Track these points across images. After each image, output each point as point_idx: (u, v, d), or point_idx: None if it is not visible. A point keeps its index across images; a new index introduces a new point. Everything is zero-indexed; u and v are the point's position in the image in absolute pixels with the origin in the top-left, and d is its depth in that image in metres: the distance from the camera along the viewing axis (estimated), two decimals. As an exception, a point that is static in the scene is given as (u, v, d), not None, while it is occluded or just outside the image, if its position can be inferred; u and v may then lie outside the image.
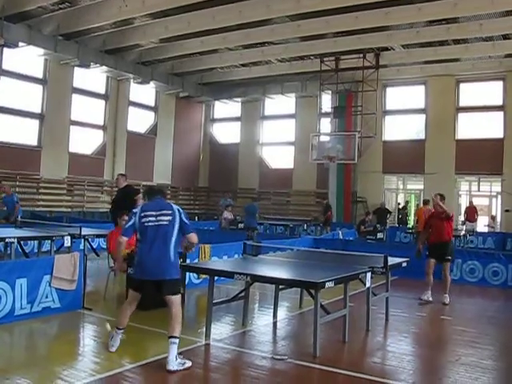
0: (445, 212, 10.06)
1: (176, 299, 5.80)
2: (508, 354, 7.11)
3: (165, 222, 5.81)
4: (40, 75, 22.61)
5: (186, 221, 5.94)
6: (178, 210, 5.92)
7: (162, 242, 5.78)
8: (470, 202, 23.05)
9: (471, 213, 22.21)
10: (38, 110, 22.60)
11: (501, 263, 12.28)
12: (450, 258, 10.10)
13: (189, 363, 5.64)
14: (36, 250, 12.32)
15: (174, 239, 5.83)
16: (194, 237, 6.06)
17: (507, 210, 22.78)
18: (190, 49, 22.81)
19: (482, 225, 23.98)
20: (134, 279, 6.04)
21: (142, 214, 5.86)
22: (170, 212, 5.87)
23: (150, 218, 5.82)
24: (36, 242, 12.17)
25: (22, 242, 10.40)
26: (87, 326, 7.53)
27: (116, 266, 7.15)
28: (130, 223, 5.96)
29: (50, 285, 7.64)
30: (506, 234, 20.88)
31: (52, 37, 20.57)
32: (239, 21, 18.81)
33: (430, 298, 9.88)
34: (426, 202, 17.20)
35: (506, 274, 12.18)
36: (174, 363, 5.52)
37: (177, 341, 5.62)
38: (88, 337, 7.13)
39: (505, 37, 19.53)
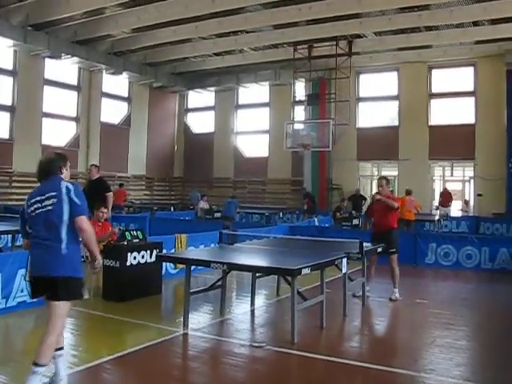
0: (387, 202, 9.03)
1: (58, 308, 4.43)
2: (481, 334, 7.26)
3: (49, 207, 4.51)
4: (10, 67, 22.25)
5: (77, 199, 4.52)
6: (67, 188, 4.54)
7: (49, 230, 4.49)
8: (445, 188, 23.33)
9: (445, 198, 22.48)
10: (8, 102, 22.25)
11: (474, 246, 12.50)
12: (394, 250, 9.01)
13: None
14: (10, 245, 12.20)
15: (63, 225, 4.47)
16: (82, 221, 4.51)
17: (480, 195, 23.12)
18: (162, 38, 22.61)
19: (455, 209, 24.31)
20: (29, 280, 4.76)
21: (29, 203, 4.63)
22: (54, 193, 4.53)
23: (36, 205, 4.57)
24: (10, 236, 12.05)
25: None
26: (64, 319, 7.47)
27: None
28: (20, 215, 5.08)
29: (25, 279, 7.57)
30: (479, 217, 21.22)
31: (21, 27, 20.21)
32: (212, 9, 18.69)
33: (368, 293, 9.04)
34: (408, 192, 17.39)
35: (480, 256, 12.41)
36: None
37: (39, 370, 4.33)
38: (65, 330, 7.07)
39: (475, 23, 19.72)
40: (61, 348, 4.71)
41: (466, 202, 24.25)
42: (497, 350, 6.38)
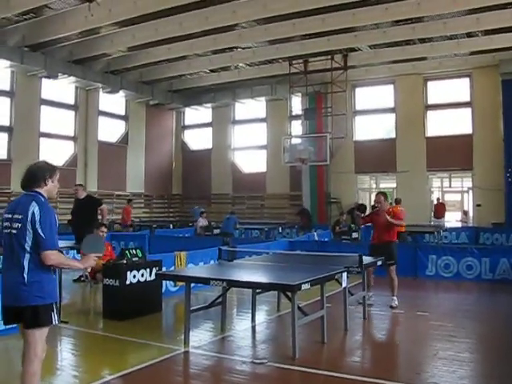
0: (397, 223, 9.50)
1: (33, 336, 4.15)
2: (484, 346, 7.22)
3: (14, 231, 4.15)
4: (7, 87, 22.31)
5: (39, 229, 4.07)
6: (33, 213, 4.09)
7: (14, 256, 4.14)
8: (438, 199, 23.33)
9: (439, 210, 22.50)
10: (6, 122, 22.29)
11: (474, 257, 12.47)
12: (393, 262, 9.22)
13: None
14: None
15: (27, 255, 4.10)
16: (45, 257, 4.08)
17: (479, 205, 23.12)
18: (158, 56, 22.73)
19: (454, 220, 24.32)
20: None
21: (3, 218, 4.30)
22: (20, 217, 4.13)
23: (6, 224, 4.23)
24: None
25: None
26: (64, 340, 7.42)
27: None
28: None
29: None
30: (479, 228, 21.20)
31: (17, 48, 20.30)
32: (206, 27, 18.78)
33: (371, 300, 9.40)
34: (398, 202, 17.30)
35: (480, 267, 12.37)
36: None
37: None
38: (66, 350, 7.04)
39: (468, 35, 19.83)
40: None
41: (465, 213, 24.24)
42: (500, 362, 6.34)
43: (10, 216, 4.22)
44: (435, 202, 23.28)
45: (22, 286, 4.09)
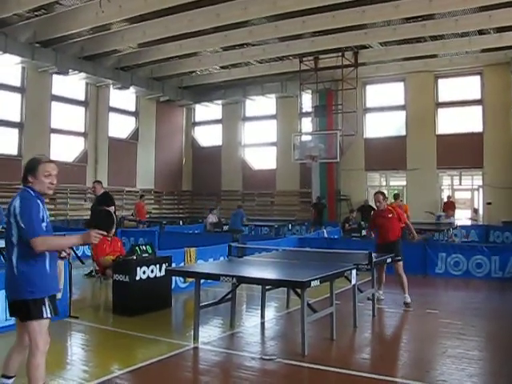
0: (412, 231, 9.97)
1: (31, 328, 4.20)
2: (493, 343, 7.19)
3: (5, 225, 4.37)
4: (18, 83, 22.43)
5: (20, 221, 4.11)
6: (14, 208, 4.15)
7: (6, 250, 4.32)
8: (448, 197, 23.06)
9: (449, 207, 22.32)
10: (17, 118, 22.41)
11: (484, 255, 12.41)
12: (399, 258, 9.29)
13: None
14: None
15: (15, 248, 4.18)
16: (35, 243, 4.07)
17: (489, 203, 23.02)
18: (168, 53, 22.76)
19: (464, 218, 24.22)
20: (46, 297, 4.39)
21: None
22: (7, 212, 4.25)
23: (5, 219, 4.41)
24: None
25: (3, 253, 10.30)
26: (74, 335, 7.48)
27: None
28: None
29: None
30: (489, 226, 21.14)
31: (29, 44, 20.40)
32: (217, 23, 18.80)
33: (382, 297, 9.58)
34: (397, 197, 17.20)
35: (490, 265, 12.31)
36: None
37: None
38: (76, 345, 7.09)
39: (480, 32, 19.72)
40: (11, 377, 4.44)
41: (476, 211, 24.13)
42: (509, 360, 6.33)
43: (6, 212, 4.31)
44: (445, 200, 23.10)
45: (13, 279, 4.18)
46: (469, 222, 23.67)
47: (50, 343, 4.37)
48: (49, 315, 4.26)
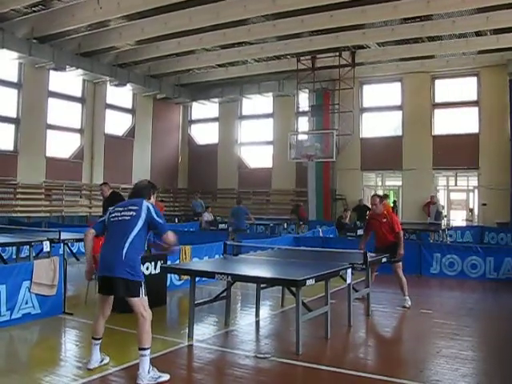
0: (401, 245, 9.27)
1: (135, 302, 5.38)
2: (487, 344, 7.23)
3: (127, 217, 5.44)
4: (15, 79, 22.33)
5: (157, 218, 5.47)
6: (148, 207, 5.48)
7: (119, 237, 5.37)
8: (431, 197, 22.32)
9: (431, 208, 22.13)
10: (13, 114, 22.32)
11: (479, 256, 12.47)
12: (397, 259, 9.21)
13: (165, 377, 5.29)
14: (14, 256, 12.21)
15: (132, 236, 5.36)
16: (170, 236, 5.53)
17: (484, 204, 23.06)
18: (166, 50, 22.72)
19: (460, 219, 24.29)
20: (98, 277, 5.66)
21: (112, 210, 5.63)
22: (135, 208, 5.49)
23: (116, 214, 5.54)
24: (14, 247, 12.03)
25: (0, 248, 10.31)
26: (69, 331, 7.48)
27: (86, 267, 6.03)
28: (102, 219, 5.80)
29: (29, 291, 7.59)
30: (484, 227, 21.19)
31: (26, 40, 20.33)
32: (215, 21, 18.76)
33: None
34: (384, 197, 17.17)
35: (484, 266, 12.37)
36: (145, 378, 5.19)
37: (146, 353, 5.23)
38: (70, 342, 7.09)
39: (477, 33, 19.75)
40: (142, 348, 5.28)
41: (471, 211, 24.18)
42: (502, 361, 6.36)
43: (121, 209, 5.57)
44: (428, 200, 22.34)
45: (119, 260, 5.33)
46: (464, 223, 23.72)
47: (151, 315, 5.48)
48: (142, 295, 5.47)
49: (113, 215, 5.55)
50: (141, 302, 5.39)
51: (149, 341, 5.30)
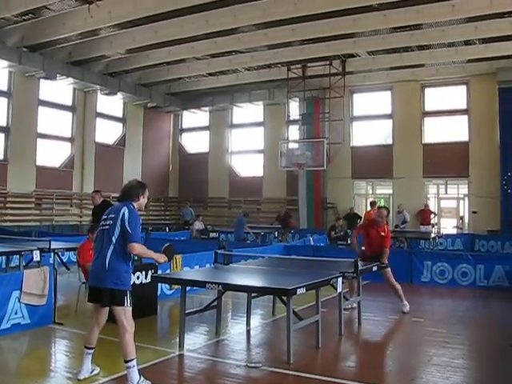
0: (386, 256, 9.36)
1: (118, 311, 5.32)
2: (478, 352, 7.25)
3: (107, 227, 5.39)
4: (5, 88, 22.26)
5: (127, 225, 5.26)
6: (123, 213, 5.32)
7: (103, 247, 5.34)
8: (425, 205, 22.94)
9: (425, 216, 22.35)
10: (3, 123, 22.21)
11: (469, 264, 12.52)
12: (385, 265, 9.32)
13: None
14: (4, 266, 12.12)
15: (112, 244, 5.28)
16: (134, 248, 5.29)
17: (474, 212, 23.17)
18: (157, 59, 22.72)
19: (450, 227, 24.38)
20: (87, 286, 5.71)
21: (101, 220, 5.57)
22: (113, 216, 5.38)
23: (102, 223, 5.50)
24: (4, 257, 11.95)
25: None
26: (59, 341, 7.43)
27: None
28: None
29: (19, 301, 7.53)
30: (474, 235, 21.25)
31: (16, 49, 20.26)
32: (206, 30, 18.80)
33: (354, 305, 9.11)
34: (373, 204, 17.17)
35: (475, 274, 12.42)
36: None
37: (131, 364, 5.21)
38: (60, 352, 7.04)
39: (466, 42, 19.91)
40: (127, 360, 5.25)
41: (461, 219, 24.28)
42: (493, 369, 6.37)
43: (105, 217, 5.47)
44: (421, 208, 22.93)
45: (104, 270, 5.26)
46: (454, 231, 23.80)
47: (134, 326, 5.42)
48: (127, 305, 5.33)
49: (100, 224, 5.55)
50: (123, 311, 5.31)
51: (132, 352, 5.25)
